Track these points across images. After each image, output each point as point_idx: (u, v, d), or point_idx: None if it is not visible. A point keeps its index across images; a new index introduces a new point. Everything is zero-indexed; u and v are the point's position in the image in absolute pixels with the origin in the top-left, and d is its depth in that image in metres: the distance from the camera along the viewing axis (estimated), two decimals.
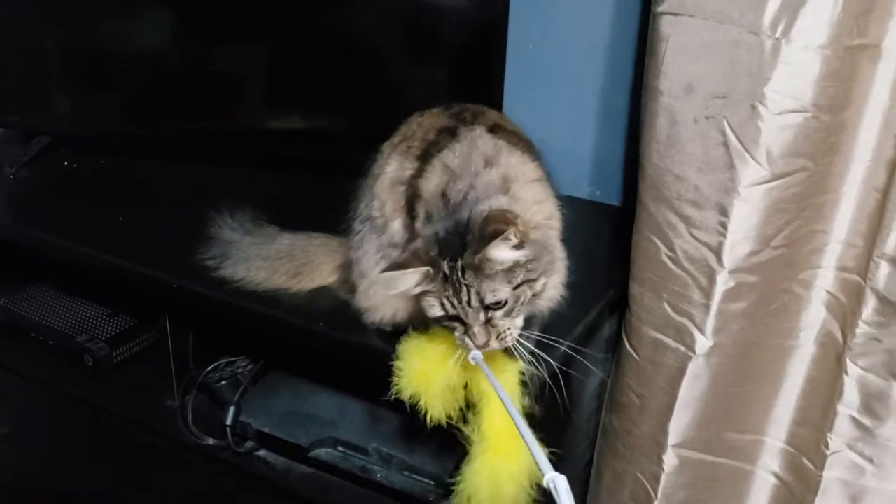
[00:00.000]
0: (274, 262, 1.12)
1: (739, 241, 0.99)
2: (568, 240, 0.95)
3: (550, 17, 1.38)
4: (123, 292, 1.30)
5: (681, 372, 1.07)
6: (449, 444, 1.14)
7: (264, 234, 1.15)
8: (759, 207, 0.98)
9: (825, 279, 1.05)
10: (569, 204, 1.37)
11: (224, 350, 1.31)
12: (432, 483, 1.12)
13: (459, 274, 0.83)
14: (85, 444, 1.46)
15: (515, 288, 0.84)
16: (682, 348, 1.07)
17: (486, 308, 0.84)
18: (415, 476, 1.14)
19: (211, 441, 1.23)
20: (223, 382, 1.28)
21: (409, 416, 0.90)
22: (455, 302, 0.84)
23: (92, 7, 1.47)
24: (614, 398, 1.20)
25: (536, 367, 0.89)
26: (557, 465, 0.65)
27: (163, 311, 1.24)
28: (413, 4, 1.36)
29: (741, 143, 0.95)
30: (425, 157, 0.94)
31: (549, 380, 0.93)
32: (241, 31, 1.44)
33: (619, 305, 1.18)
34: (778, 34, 0.91)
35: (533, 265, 0.85)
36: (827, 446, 1.09)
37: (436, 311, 0.85)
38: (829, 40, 0.90)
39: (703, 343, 1.05)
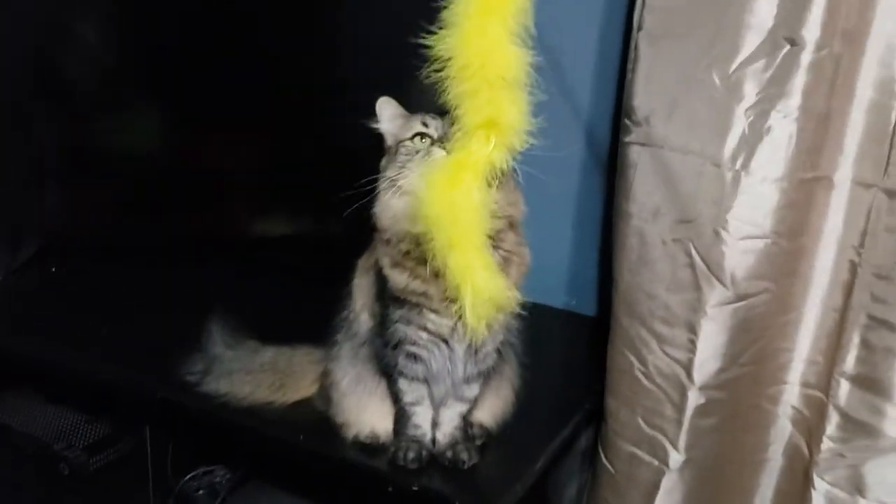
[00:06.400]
0: (258, 374, 1.12)
1: (708, 358, 1.03)
2: (545, 350, 0.98)
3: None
4: (104, 400, 1.30)
5: (655, 486, 1.09)
6: None
7: (247, 348, 1.16)
8: (726, 326, 1.02)
9: (791, 395, 1.08)
10: (545, 313, 1.41)
11: (203, 458, 1.31)
12: None
13: None
14: None
15: None
16: (656, 462, 1.09)
17: None
18: None
19: None
20: (200, 492, 1.27)
21: None
22: None
23: (75, 118, 1.52)
24: None
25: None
26: None
27: (144, 420, 1.24)
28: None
29: (707, 265, 1.01)
30: None
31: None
32: (232, 132, 1.47)
33: (596, 417, 1.19)
34: (738, 166, 0.97)
35: None
36: None
37: None
38: (785, 173, 0.97)
39: (676, 458, 1.07)
